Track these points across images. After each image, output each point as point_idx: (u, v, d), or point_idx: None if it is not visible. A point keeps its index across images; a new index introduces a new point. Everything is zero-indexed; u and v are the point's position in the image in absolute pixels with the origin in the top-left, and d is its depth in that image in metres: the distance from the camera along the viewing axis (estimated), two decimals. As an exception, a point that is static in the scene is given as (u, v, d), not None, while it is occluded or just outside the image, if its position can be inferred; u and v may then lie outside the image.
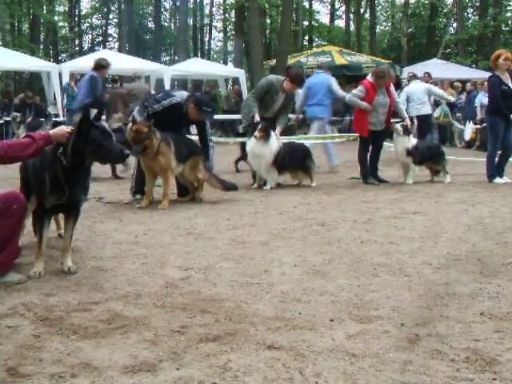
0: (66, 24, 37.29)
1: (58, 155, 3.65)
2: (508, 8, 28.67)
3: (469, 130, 14.51)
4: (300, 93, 9.77)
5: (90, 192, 4.14)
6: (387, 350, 2.67)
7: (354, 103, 8.32)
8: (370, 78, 8.30)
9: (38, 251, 3.80)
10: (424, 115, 11.29)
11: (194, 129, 7.44)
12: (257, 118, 7.62)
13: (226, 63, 32.20)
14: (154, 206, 6.37)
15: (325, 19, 36.34)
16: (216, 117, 19.68)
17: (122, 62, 14.91)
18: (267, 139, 7.47)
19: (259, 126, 7.47)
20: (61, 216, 4.36)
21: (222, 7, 35.58)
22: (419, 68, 18.61)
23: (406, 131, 8.17)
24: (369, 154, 8.38)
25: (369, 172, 8.28)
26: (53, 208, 3.84)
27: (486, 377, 2.41)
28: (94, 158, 3.78)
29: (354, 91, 8.42)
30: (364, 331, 2.88)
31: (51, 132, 3.67)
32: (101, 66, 9.05)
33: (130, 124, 6.33)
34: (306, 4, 33.34)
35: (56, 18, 33.66)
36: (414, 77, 12.23)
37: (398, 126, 8.14)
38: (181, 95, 6.66)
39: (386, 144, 8.75)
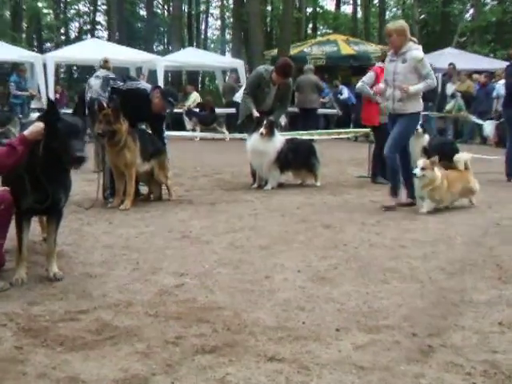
0: (51, 11, 37.23)
1: (35, 152, 3.63)
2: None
3: (490, 126, 14.53)
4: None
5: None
6: (398, 362, 2.67)
7: (362, 91, 8.13)
8: (380, 64, 8.26)
9: (19, 256, 3.79)
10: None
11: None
12: (255, 113, 7.61)
13: (223, 53, 32.20)
14: (146, 207, 6.38)
15: (330, 5, 36.44)
16: (217, 111, 19.53)
17: (111, 53, 14.88)
18: (271, 136, 7.48)
19: (264, 123, 7.45)
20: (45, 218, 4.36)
21: (219, -8, 35.68)
22: (433, 57, 18.61)
23: (424, 130, 8.24)
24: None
25: (378, 170, 8.26)
26: (31, 209, 3.81)
27: (504, 391, 2.42)
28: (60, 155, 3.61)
29: (364, 78, 8.33)
30: (373, 342, 2.88)
31: (26, 132, 3.66)
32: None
33: (96, 106, 6.29)
34: (310, -11, 33.39)
35: (40, 4, 33.57)
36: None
37: (419, 127, 8.16)
38: (146, 85, 6.99)
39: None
